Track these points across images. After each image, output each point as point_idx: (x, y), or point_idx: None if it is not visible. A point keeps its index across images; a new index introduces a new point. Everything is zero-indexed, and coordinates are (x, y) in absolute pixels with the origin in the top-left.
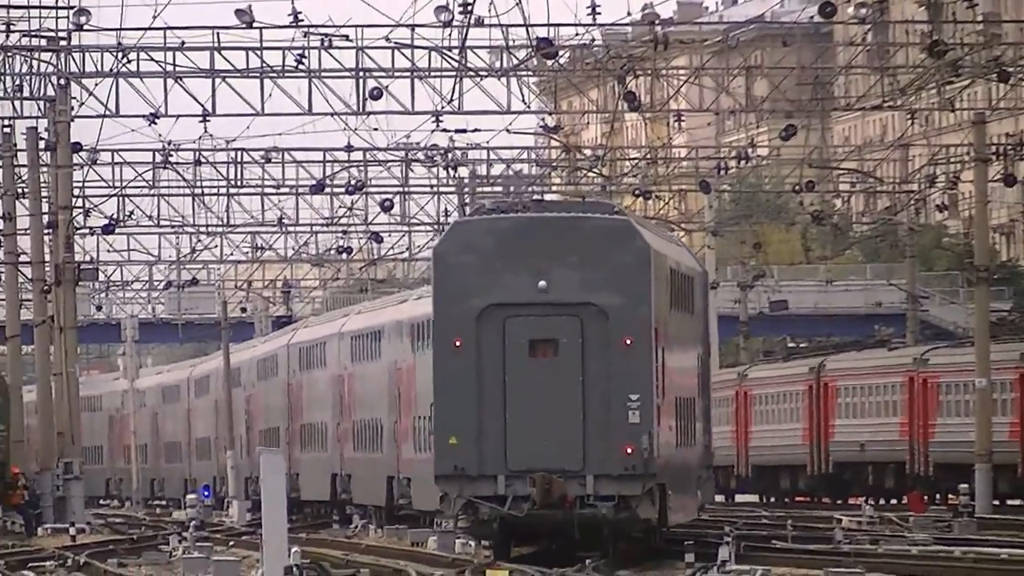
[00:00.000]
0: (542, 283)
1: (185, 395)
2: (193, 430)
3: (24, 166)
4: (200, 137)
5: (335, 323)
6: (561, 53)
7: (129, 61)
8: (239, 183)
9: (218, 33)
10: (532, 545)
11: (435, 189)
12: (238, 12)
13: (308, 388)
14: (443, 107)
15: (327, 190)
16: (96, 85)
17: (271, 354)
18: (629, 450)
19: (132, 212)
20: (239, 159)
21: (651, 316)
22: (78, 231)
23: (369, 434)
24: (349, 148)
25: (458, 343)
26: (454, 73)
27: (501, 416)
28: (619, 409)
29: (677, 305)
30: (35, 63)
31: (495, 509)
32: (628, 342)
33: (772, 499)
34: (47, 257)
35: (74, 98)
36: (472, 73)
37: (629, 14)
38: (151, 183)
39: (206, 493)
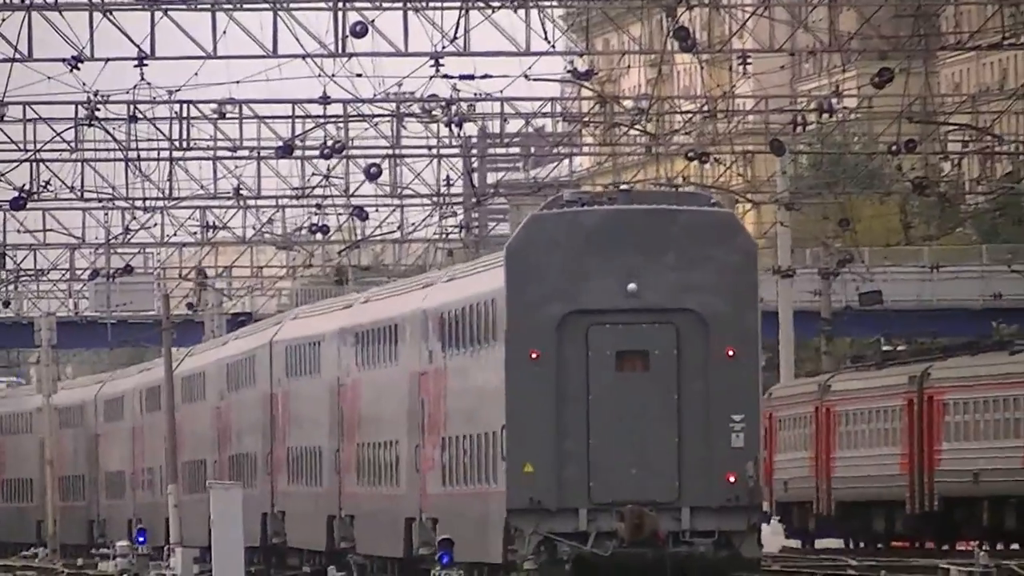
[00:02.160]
0: (632, 286)
1: (130, 411)
2: (139, 457)
3: None
4: (135, 87)
5: (336, 315)
6: None
7: None
8: (185, 144)
9: None
10: None
11: (434, 151)
12: None
13: (297, 401)
14: (444, 47)
15: (297, 153)
16: (3, 21)
17: (247, 355)
18: (731, 479)
19: (49, 182)
20: (185, 114)
21: (757, 323)
22: None
23: (380, 463)
24: (325, 100)
25: (535, 355)
26: (458, 3)
27: (584, 440)
28: (720, 431)
29: None
30: None
31: (576, 547)
32: (731, 353)
33: (862, 544)
34: None
35: None
36: (481, 3)
37: None
38: (73, 145)
39: (141, 539)
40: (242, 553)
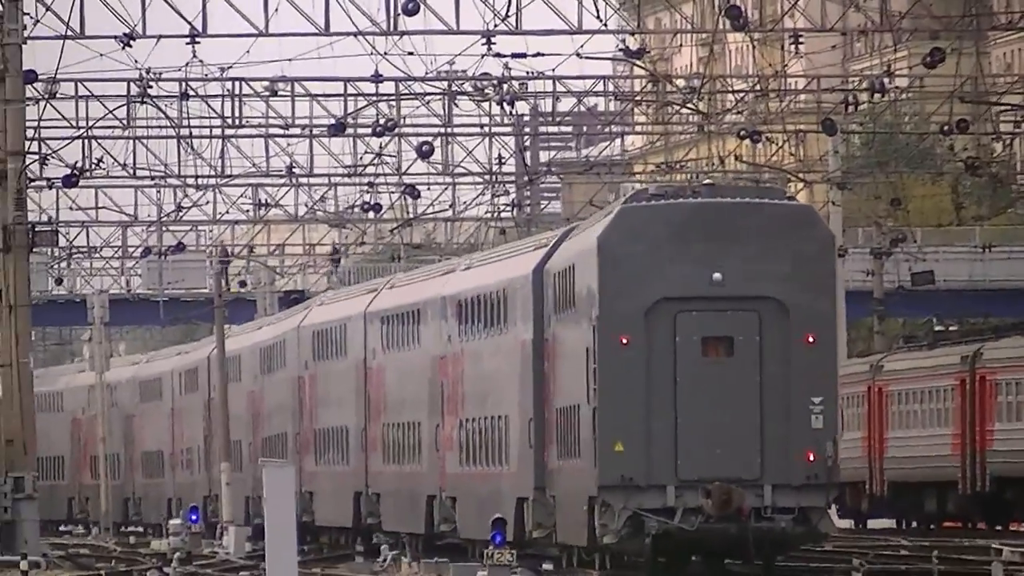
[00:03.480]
0: (717, 275)
1: (168, 391)
2: (178, 436)
3: None
4: (187, 64)
5: (359, 300)
6: None
7: None
8: (237, 122)
9: None
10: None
11: (486, 129)
12: None
13: (325, 383)
14: (496, 25)
15: (349, 131)
16: None
17: (277, 340)
18: (811, 458)
19: (101, 159)
20: (237, 92)
21: (835, 311)
22: (32, 184)
23: (404, 442)
24: (377, 78)
25: (625, 340)
26: None
27: (671, 421)
28: (800, 413)
29: None
30: None
31: (663, 522)
32: (810, 339)
33: (913, 524)
34: None
35: (27, 14)
36: None
37: None
38: (125, 122)
39: (194, 517)
40: (295, 532)
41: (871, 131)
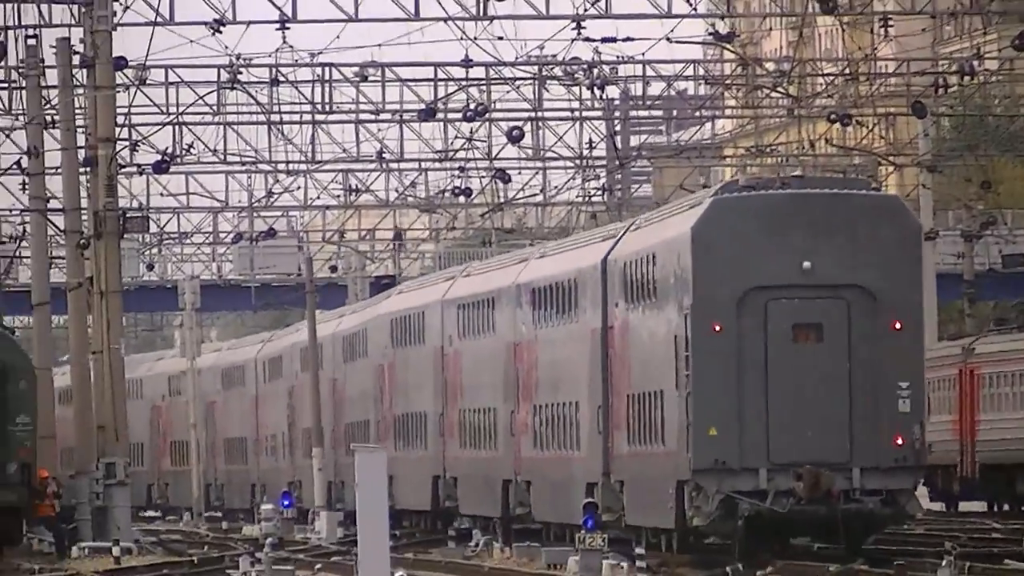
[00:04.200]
0: (807, 264)
1: (252, 378)
2: (262, 423)
3: (54, 87)
4: (278, 50)
5: (437, 287)
6: None
7: None
8: (327, 108)
9: None
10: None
11: (577, 114)
12: None
13: (404, 370)
14: (586, 10)
15: (439, 116)
16: None
17: (359, 328)
18: (900, 441)
19: (191, 145)
20: (327, 77)
21: (921, 299)
22: (123, 170)
23: (480, 427)
24: (467, 63)
25: (718, 328)
26: None
27: (763, 405)
28: (888, 398)
29: None
30: None
31: (756, 505)
32: (897, 326)
33: (1006, 507)
34: (84, 203)
35: (116, 1)
36: None
37: None
38: (215, 108)
39: (287, 502)
40: (387, 516)
41: (961, 114)
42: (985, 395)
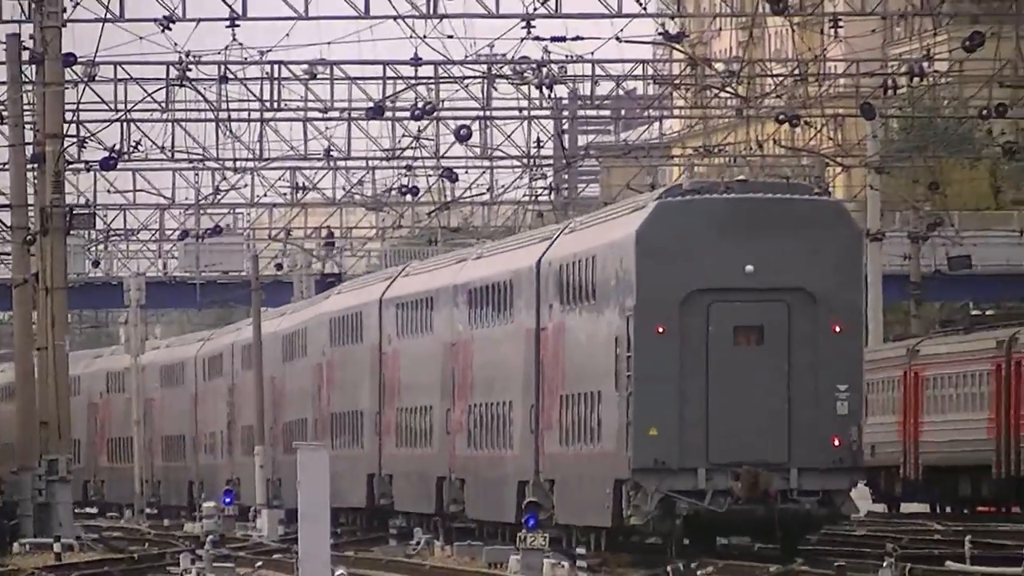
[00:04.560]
0: (749, 267)
1: (192, 377)
2: (201, 421)
3: (3, 83)
4: (227, 47)
5: (376, 287)
6: None
7: None
8: (276, 105)
9: None
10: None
11: (525, 113)
12: None
13: (343, 369)
14: (536, 9)
15: (387, 114)
16: None
17: (299, 327)
18: (837, 443)
19: (139, 142)
20: (276, 75)
21: (862, 302)
22: (70, 166)
23: (416, 426)
24: (416, 61)
25: (660, 329)
26: None
27: (703, 407)
28: (827, 400)
29: None
30: None
31: (694, 504)
32: (837, 329)
33: (948, 509)
34: (31, 199)
35: None
36: None
37: None
38: (164, 105)
39: (227, 500)
40: (328, 514)
41: (910, 115)
42: (929, 397)
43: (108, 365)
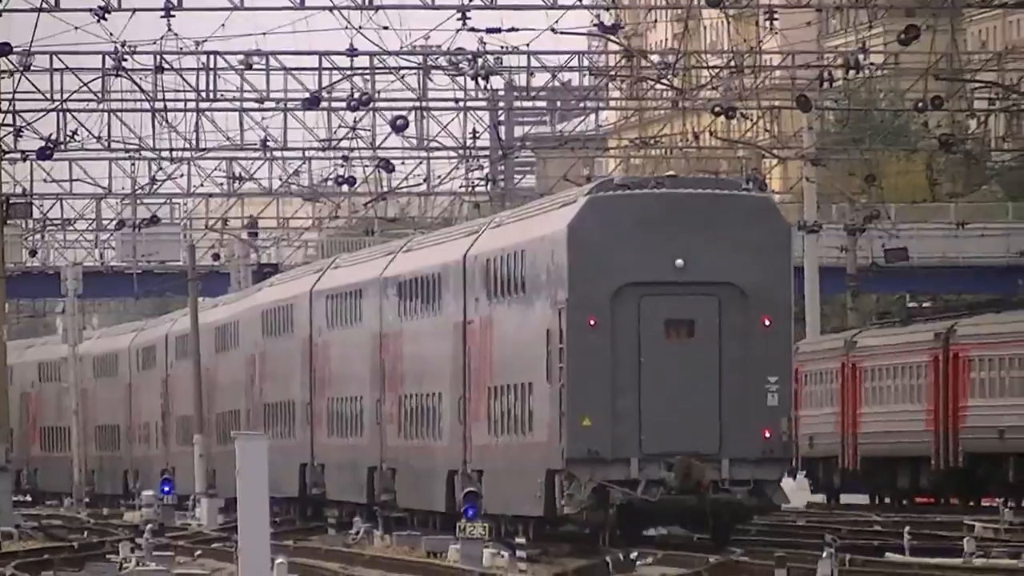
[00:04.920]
0: (679, 262)
1: (126, 367)
2: (135, 411)
3: None
4: (162, 37)
5: (306, 280)
6: None
7: None
8: (212, 96)
9: None
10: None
11: (461, 104)
12: None
13: (275, 360)
14: (471, 0)
15: (324, 105)
16: None
17: (231, 319)
18: (767, 434)
19: (75, 132)
20: (212, 65)
21: (791, 296)
22: (6, 155)
23: (347, 416)
24: (352, 52)
25: (592, 322)
26: None
27: (635, 398)
28: (757, 392)
29: None
30: None
31: (628, 494)
32: (767, 323)
33: (886, 500)
34: None
35: None
36: None
37: None
38: (100, 95)
39: (166, 489)
40: (267, 503)
41: (846, 108)
42: (867, 388)
43: (40, 355)
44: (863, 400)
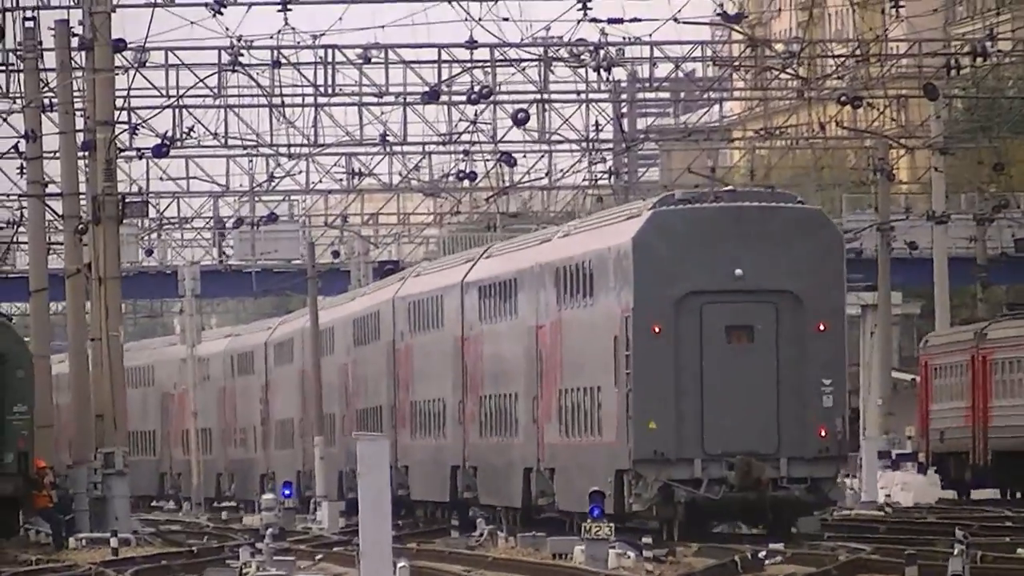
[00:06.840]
0: (738, 271)
1: (262, 365)
2: (272, 410)
3: (52, 70)
4: (279, 32)
5: (456, 270)
6: None
7: None
8: (330, 90)
9: None
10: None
11: (583, 96)
12: None
13: (421, 356)
14: None
15: (443, 98)
16: None
17: (371, 311)
18: (823, 433)
19: (192, 129)
20: (329, 59)
21: (844, 302)
22: (122, 154)
23: (501, 414)
24: (472, 44)
25: (657, 329)
26: None
27: (698, 401)
28: (813, 393)
29: None
30: None
31: (691, 492)
32: (821, 328)
33: (1019, 495)
34: (82, 188)
35: None
36: None
37: None
38: (216, 91)
39: (287, 492)
40: (389, 506)
41: (974, 96)
42: (998, 381)
43: (182, 353)
44: (994, 393)
